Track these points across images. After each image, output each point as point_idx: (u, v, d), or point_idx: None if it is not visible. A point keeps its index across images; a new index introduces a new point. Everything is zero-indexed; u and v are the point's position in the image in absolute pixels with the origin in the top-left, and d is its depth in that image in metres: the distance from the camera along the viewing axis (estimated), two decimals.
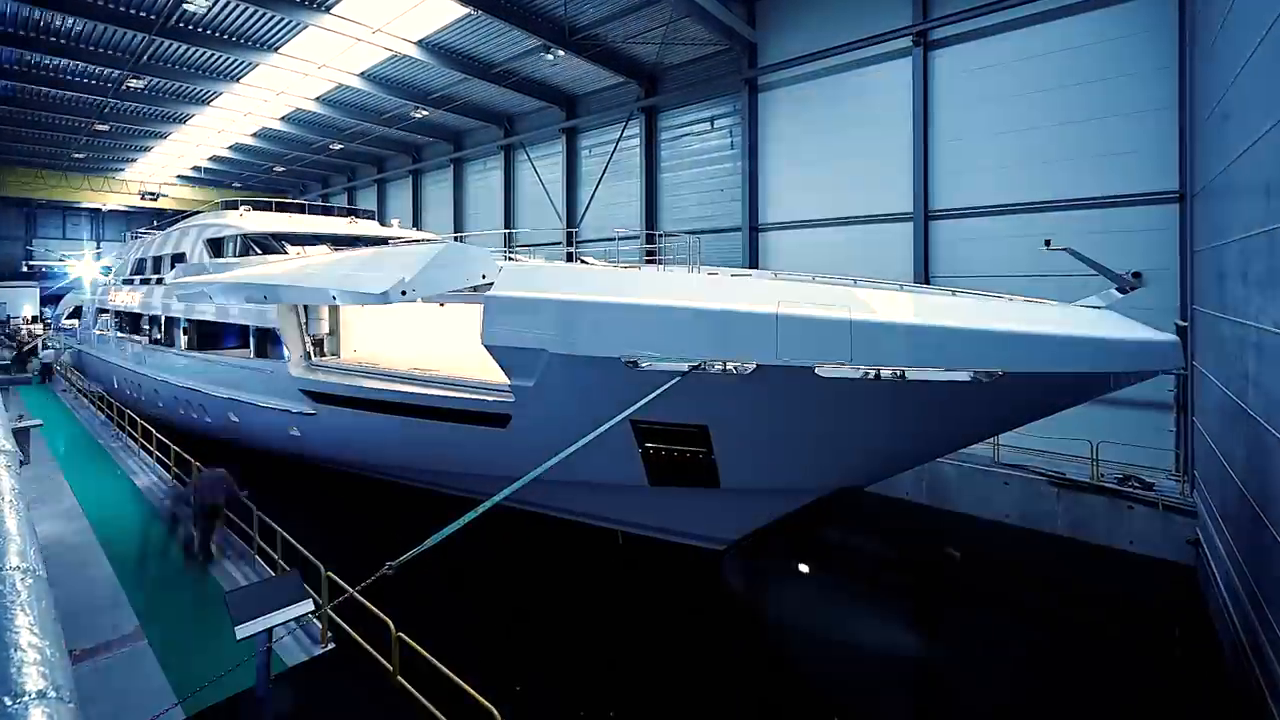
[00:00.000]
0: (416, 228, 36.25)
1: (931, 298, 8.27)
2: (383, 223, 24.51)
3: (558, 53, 21.45)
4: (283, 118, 31.87)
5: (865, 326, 7.43)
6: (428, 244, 11.62)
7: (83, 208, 58.59)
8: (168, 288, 16.57)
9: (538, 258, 13.84)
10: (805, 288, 8.43)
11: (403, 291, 8.87)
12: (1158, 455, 14.05)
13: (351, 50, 22.93)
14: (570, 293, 9.11)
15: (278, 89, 27.24)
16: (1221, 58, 10.10)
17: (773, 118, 21.11)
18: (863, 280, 9.46)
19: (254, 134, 35.26)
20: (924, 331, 7.31)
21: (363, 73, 25.46)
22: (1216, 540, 10.43)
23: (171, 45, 22.49)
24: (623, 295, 8.75)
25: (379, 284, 9.05)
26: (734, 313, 8.00)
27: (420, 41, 22.09)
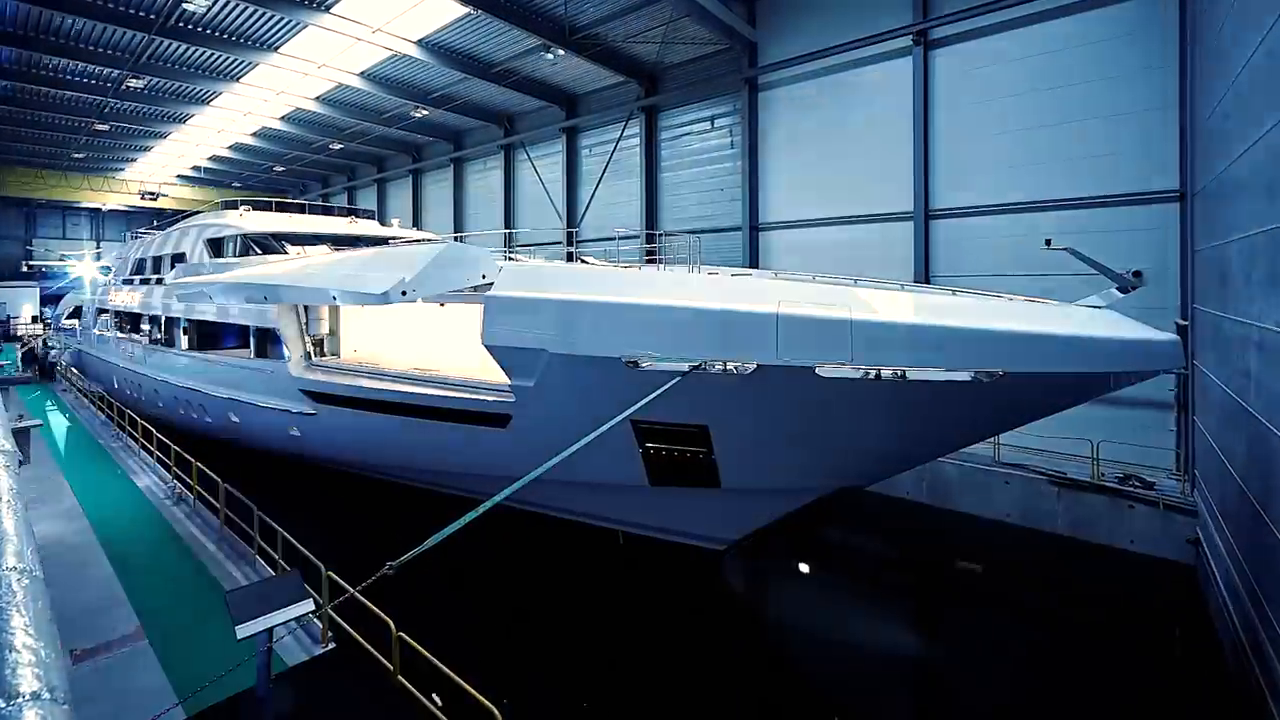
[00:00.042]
0: (416, 227, 36.24)
1: (932, 297, 8.25)
2: (383, 222, 24.51)
3: (558, 52, 21.44)
4: (283, 117, 31.87)
5: (866, 326, 7.42)
6: (428, 244, 11.61)
7: (83, 207, 58.60)
8: (168, 287, 16.57)
9: (538, 257, 13.83)
10: (805, 287, 8.42)
11: (403, 292, 8.87)
12: (1158, 454, 14.04)
13: (351, 50, 22.92)
14: (570, 293, 9.10)
15: (278, 89, 27.24)
16: (1222, 57, 10.09)
17: (773, 117, 21.09)
18: (863, 280, 9.45)
19: (254, 134, 35.27)
20: (924, 331, 7.30)
21: (363, 72, 25.46)
22: (1217, 539, 10.42)
23: (171, 45, 22.49)
24: (623, 295, 8.74)
25: (379, 284, 9.04)
26: (734, 313, 7.99)
27: (420, 41, 22.08)
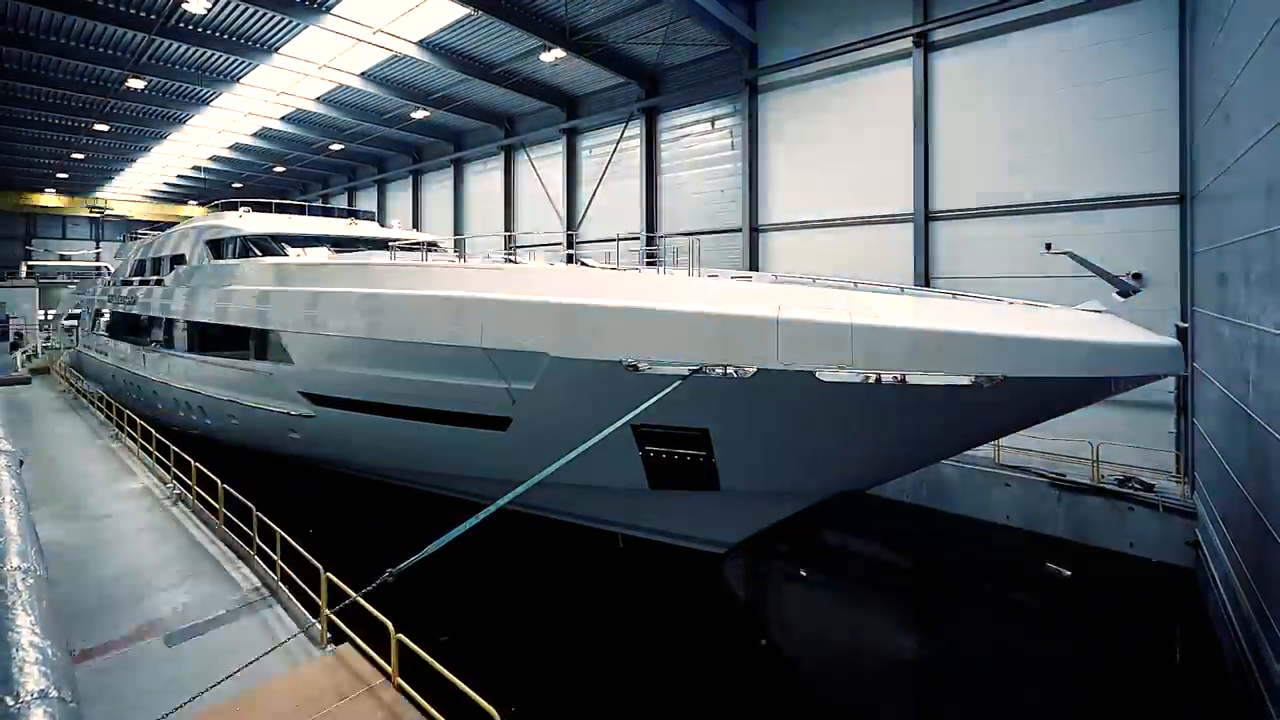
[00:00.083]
0: (417, 228, 36.26)
1: (932, 301, 8.26)
2: (383, 223, 24.51)
3: (558, 53, 21.46)
4: (283, 118, 31.89)
5: (866, 330, 7.42)
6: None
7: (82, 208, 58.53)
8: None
9: (538, 259, 13.83)
10: (806, 291, 8.42)
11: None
12: (1158, 457, 14.05)
13: (352, 50, 22.94)
14: (570, 296, 9.10)
15: (278, 89, 27.26)
16: (1222, 59, 10.11)
17: (773, 119, 21.11)
18: (863, 283, 9.46)
19: (254, 134, 35.29)
20: (925, 335, 7.30)
21: (363, 73, 25.48)
22: (1216, 542, 10.42)
23: (172, 45, 22.52)
24: (623, 298, 8.74)
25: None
26: (735, 316, 7.99)
27: (420, 42, 22.10)
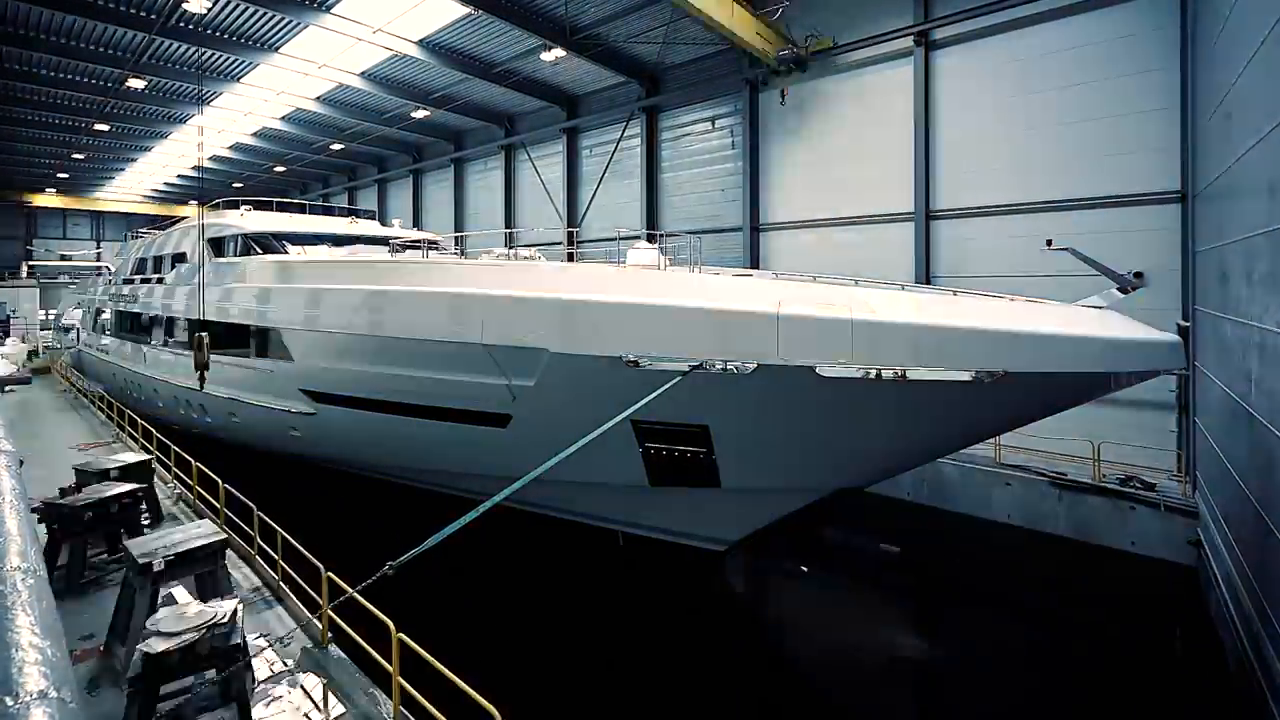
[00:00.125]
0: (417, 227, 36.24)
1: (933, 298, 8.26)
2: (383, 223, 24.51)
3: (558, 52, 21.45)
4: (283, 117, 31.89)
5: (866, 326, 7.41)
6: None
7: (83, 208, 58.61)
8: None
9: (539, 258, 13.81)
10: (806, 288, 8.41)
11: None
12: (1159, 456, 14.04)
13: (352, 50, 22.93)
14: (571, 292, 9.10)
15: (278, 89, 27.25)
16: (1223, 58, 10.09)
17: (774, 117, 21.10)
18: (864, 280, 9.45)
19: (254, 134, 35.30)
20: (925, 331, 7.30)
21: (363, 72, 25.46)
22: (1218, 541, 10.41)
23: (172, 45, 22.51)
24: (623, 295, 8.74)
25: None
26: (735, 312, 7.99)
27: (421, 41, 22.08)
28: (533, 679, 8.92)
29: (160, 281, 19.04)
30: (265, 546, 9.25)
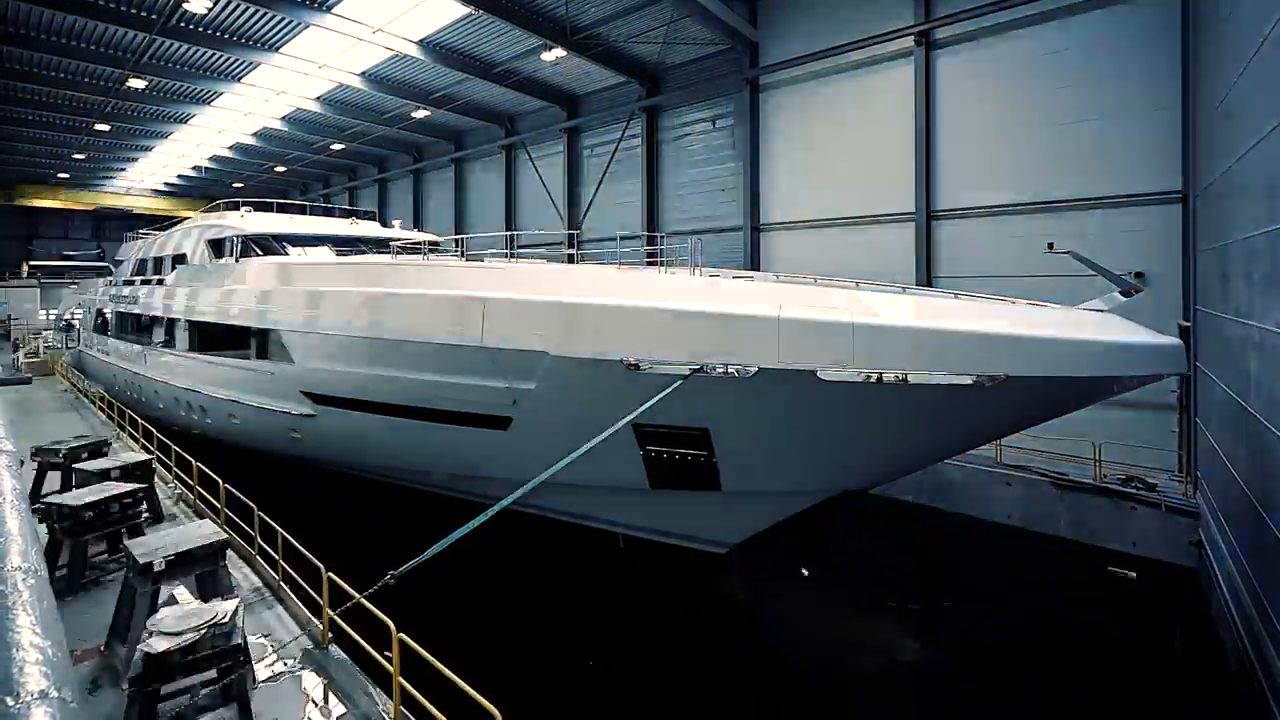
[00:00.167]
0: (417, 228, 36.25)
1: (934, 300, 8.24)
2: (384, 223, 24.51)
3: (559, 52, 21.46)
4: (283, 118, 31.90)
5: (867, 329, 7.40)
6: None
7: (83, 208, 58.60)
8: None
9: (539, 258, 13.82)
10: (807, 290, 8.41)
11: None
12: (1160, 456, 14.03)
13: (352, 50, 22.94)
14: (572, 294, 9.09)
15: (278, 89, 27.26)
16: (1224, 57, 10.09)
17: (775, 118, 21.10)
18: (865, 282, 9.44)
19: (254, 134, 35.30)
20: (926, 335, 7.29)
21: (363, 72, 25.47)
22: (1219, 541, 10.41)
23: (172, 45, 22.52)
24: (624, 297, 8.73)
25: None
26: (736, 315, 7.97)
27: (421, 41, 22.09)
28: (533, 680, 8.91)
29: (160, 282, 19.05)
30: (266, 547, 9.25)
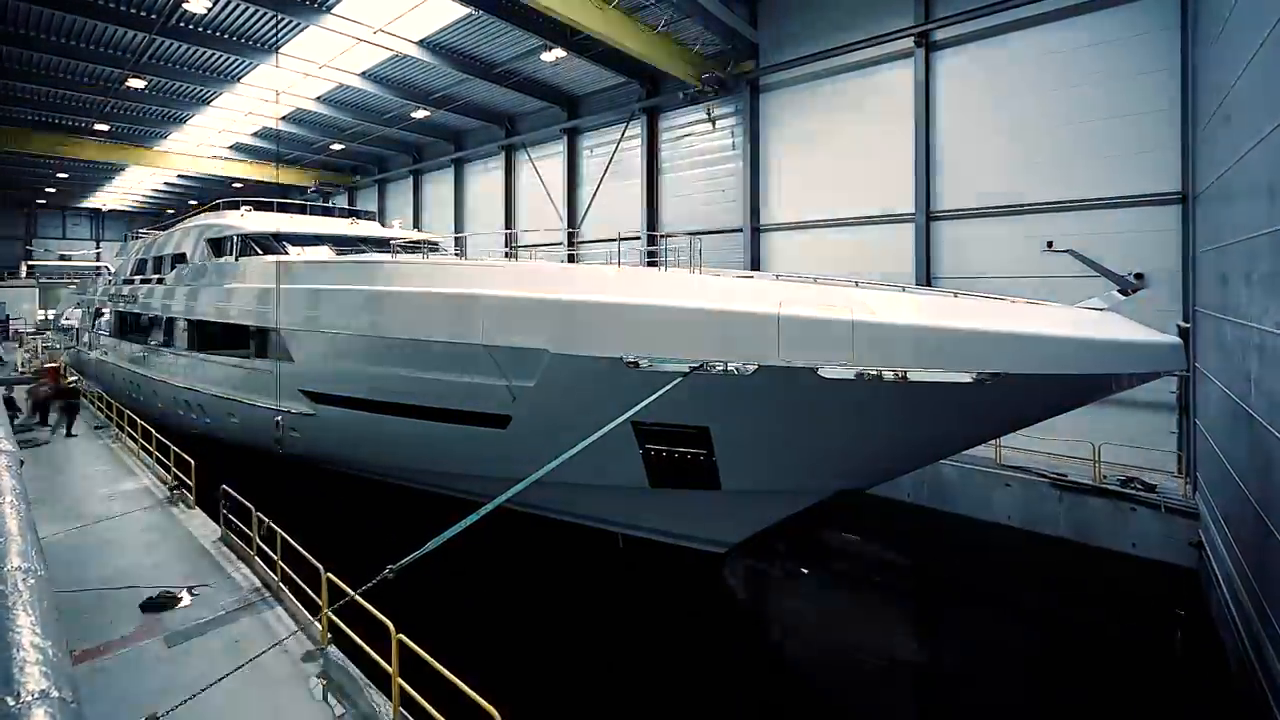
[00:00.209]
0: (417, 228, 36.25)
1: (933, 299, 8.25)
2: (383, 223, 24.50)
3: (559, 53, 21.44)
4: (283, 117, 31.86)
5: (867, 327, 7.40)
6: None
7: (83, 207, 58.63)
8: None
9: (539, 258, 13.82)
10: (807, 289, 8.41)
11: None
12: (1160, 457, 14.03)
13: (352, 50, 22.93)
14: (571, 293, 9.09)
15: (278, 89, 27.23)
16: (1223, 59, 10.10)
17: (775, 118, 21.10)
18: (865, 282, 9.45)
19: (254, 134, 35.26)
20: (926, 333, 7.29)
21: (363, 72, 25.46)
22: (1219, 542, 10.41)
23: (172, 45, 22.49)
24: (624, 296, 8.73)
25: None
26: (736, 313, 7.98)
27: (421, 41, 22.08)
28: (533, 680, 8.91)
29: (160, 282, 19.03)
30: (264, 547, 9.24)
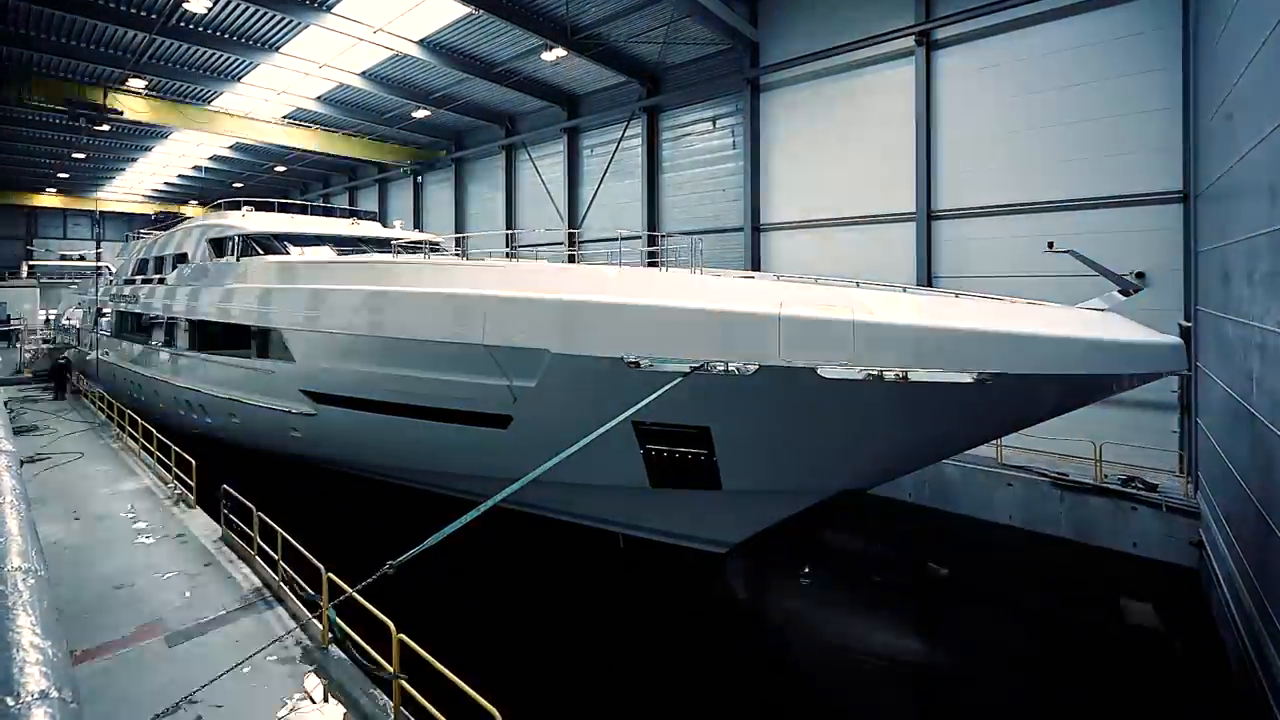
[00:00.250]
0: (418, 228, 36.24)
1: (934, 299, 8.25)
2: (384, 223, 24.48)
3: (559, 52, 21.44)
4: (284, 117, 31.85)
5: (868, 327, 7.40)
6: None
7: (83, 208, 58.54)
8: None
9: (539, 258, 13.81)
10: (808, 289, 8.40)
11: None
12: (1161, 456, 14.02)
13: (353, 50, 22.93)
14: (572, 293, 9.09)
15: (279, 88, 27.24)
16: (1225, 58, 10.09)
17: (775, 118, 21.09)
18: (866, 282, 9.44)
19: None
20: (927, 333, 7.28)
21: (364, 72, 25.46)
22: (1220, 541, 10.40)
23: (172, 44, 22.49)
24: (625, 296, 8.73)
25: None
26: (736, 313, 7.97)
27: (421, 41, 22.08)
28: (533, 680, 8.91)
29: (161, 282, 19.04)
30: (265, 546, 9.24)
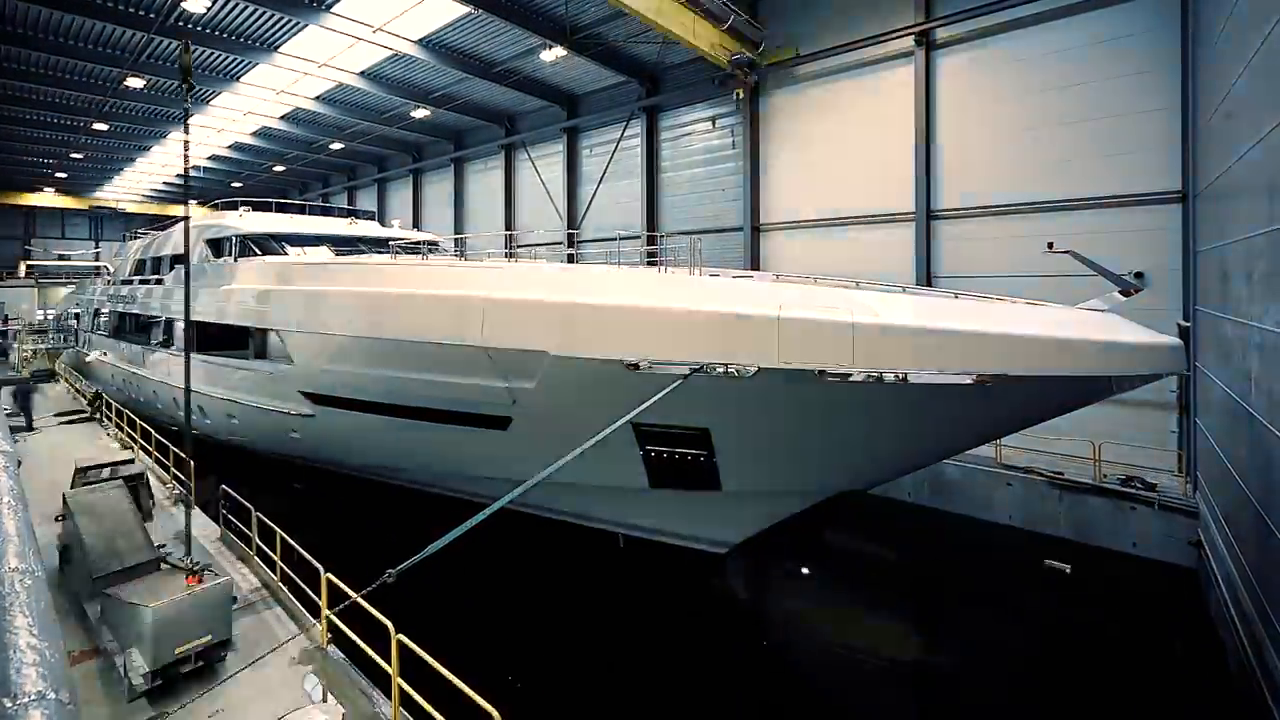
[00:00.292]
0: (417, 228, 36.24)
1: (934, 300, 8.24)
2: (383, 223, 24.49)
3: (559, 52, 21.43)
4: (283, 117, 31.86)
5: (867, 329, 7.39)
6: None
7: (82, 208, 58.48)
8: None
9: (538, 258, 13.81)
10: (807, 290, 8.40)
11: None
12: (1160, 456, 14.03)
13: (352, 49, 22.92)
14: (571, 294, 9.08)
15: (278, 88, 27.23)
16: (1223, 58, 10.10)
17: (774, 117, 21.09)
18: (866, 282, 9.44)
19: (254, 133, 35.24)
20: (926, 334, 7.28)
21: (363, 72, 25.44)
22: (1219, 541, 10.41)
23: (171, 44, 22.46)
24: (624, 298, 8.72)
25: None
26: (736, 315, 7.96)
27: (421, 40, 22.07)
28: (533, 680, 8.91)
29: (159, 282, 19.01)
30: (264, 547, 9.23)
